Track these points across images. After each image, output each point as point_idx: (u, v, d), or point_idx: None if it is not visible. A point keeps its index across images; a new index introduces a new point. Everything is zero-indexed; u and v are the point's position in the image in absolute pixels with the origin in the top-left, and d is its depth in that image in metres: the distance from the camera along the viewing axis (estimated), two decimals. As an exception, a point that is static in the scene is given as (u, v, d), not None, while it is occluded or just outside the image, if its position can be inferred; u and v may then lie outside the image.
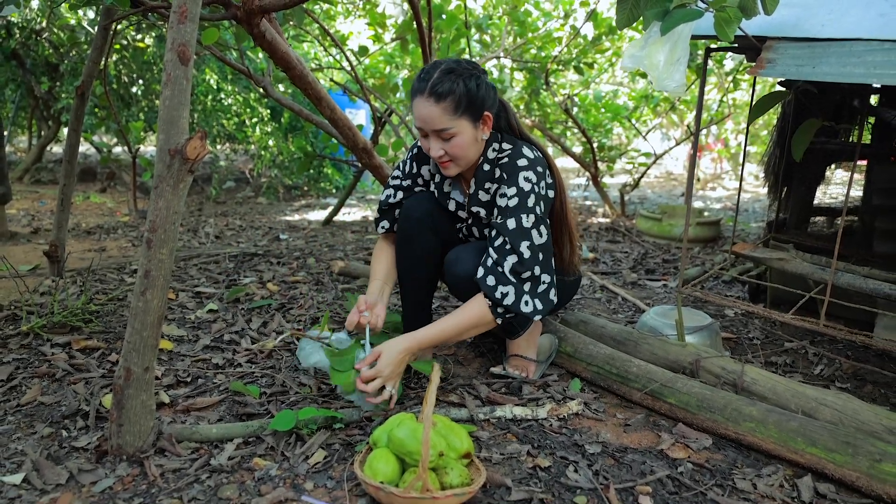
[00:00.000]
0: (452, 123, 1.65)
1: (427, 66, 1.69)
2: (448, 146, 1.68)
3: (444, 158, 1.71)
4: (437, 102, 1.62)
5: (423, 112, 1.64)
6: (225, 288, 2.86)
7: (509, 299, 1.65)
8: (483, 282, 1.67)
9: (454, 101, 1.63)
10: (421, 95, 1.64)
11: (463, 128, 1.66)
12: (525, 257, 1.66)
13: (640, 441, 1.64)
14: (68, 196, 2.81)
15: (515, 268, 1.66)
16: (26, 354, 2.01)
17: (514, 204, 1.69)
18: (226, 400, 1.77)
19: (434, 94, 1.62)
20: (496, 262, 1.67)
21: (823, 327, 1.84)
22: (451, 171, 1.75)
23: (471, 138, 1.69)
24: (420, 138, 1.75)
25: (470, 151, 1.71)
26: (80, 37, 5.46)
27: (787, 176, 2.90)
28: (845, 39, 1.50)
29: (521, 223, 1.67)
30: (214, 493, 1.33)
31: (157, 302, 1.36)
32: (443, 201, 1.93)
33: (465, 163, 1.74)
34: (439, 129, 1.65)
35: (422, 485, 1.25)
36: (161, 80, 1.30)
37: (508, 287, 1.65)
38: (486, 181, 1.80)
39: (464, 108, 1.64)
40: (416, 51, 4.19)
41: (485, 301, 1.67)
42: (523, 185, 1.70)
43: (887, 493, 1.37)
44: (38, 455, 1.43)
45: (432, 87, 1.62)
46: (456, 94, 1.62)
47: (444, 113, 1.63)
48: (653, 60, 1.51)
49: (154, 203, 1.33)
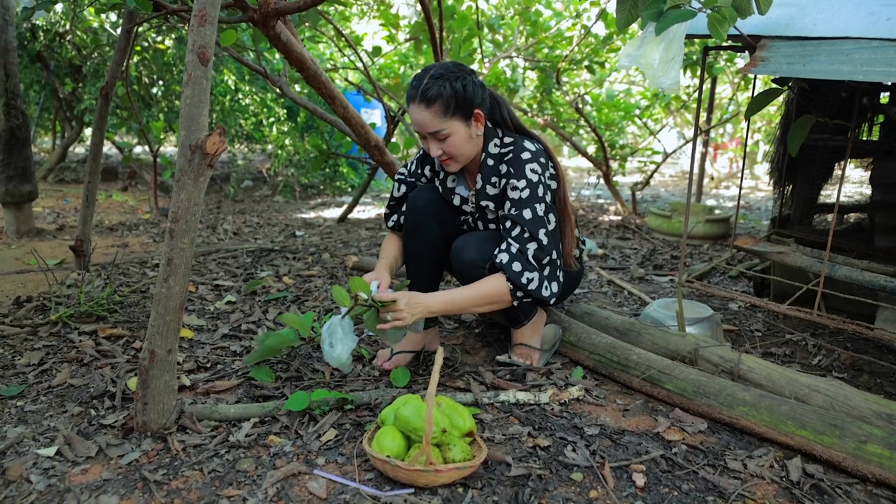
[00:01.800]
0: (445, 125, 1.74)
1: (418, 73, 1.80)
2: (445, 146, 1.78)
3: (443, 157, 1.82)
4: (427, 107, 1.72)
5: (417, 117, 1.75)
6: (242, 281, 2.97)
7: (533, 285, 1.78)
8: (509, 267, 1.78)
9: (443, 104, 1.72)
10: (414, 102, 1.75)
11: (455, 127, 1.76)
12: (544, 244, 1.79)
13: (637, 424, 1.71)
14: (93, 193, 2.93)
15: (537, 254, 1.79)
16: (55, 341, 2.12)
17: (526, 195, 1.80)
18: (243, 384, 1.86)
19: (425, 100, 1.72)
20: (520, 250, 1.78)
21: (817, 317, 1.90)
22: (453, 167, 1.86)
23: (464, 136, 1.79)
24: (420, 140, 1.85)
25: (466, 148, 1.82)
26: (103, 39, 5.61)
27: (791, 172, 2.94)
28: (835, 38, 1.56)
29: (535, 212, 1.79)
30: (233, 466, 1.43)
31: (178, 288, 1.46)
32: (447, 196, 2.01)
33: (465, 159, 1.85)
34: (433, 131, 1.75)
35: (425, 458, 1.33)
36: (181, 81, 1.40)
37: (534, 273, 1.79)
38: (492, 176, 1.89)
39: (454, 109, 1.74)
40: (430, 51, 4.27)
41: (505, 282, 1.78)
42: (531, 177, 1.81)
43: (872, 473, 1.43)
44: (69, 431, 1.54)
45: (422, 93, 1.72)
46: (444, 96, 1.72)
47: (435, 116, 1.73)
48: (648, 59, 1.58)
49: (176, 195, 1.43)
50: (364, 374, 1.96)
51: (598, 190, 7.75)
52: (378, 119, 7.38)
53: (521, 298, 1.81)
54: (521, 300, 1.82)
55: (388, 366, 1.98)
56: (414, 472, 1.33)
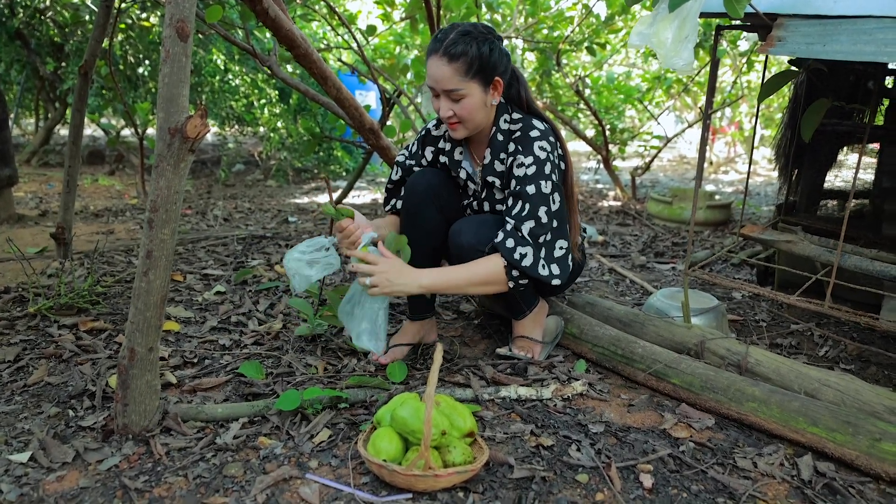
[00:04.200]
0: (463, 85, 1.66)
1: (445, 27, 1.71)
2: (457, 107, 1.70)
3: (452, 119, 1.73)
4: (449, 62, 1.65)
5: (436, 71, 1.66)
6: (233, 270, 2.87)
7: (527, 261, 1.69)
8: (502, 244, 1.70)
9: (466, 63, 1.65)
10: (435, 55, 1.66)
11: (472, 90, 1.68)
12: (542, 222, 1.70)
13: (643, 421, 1.64)
14: (74, 178, 2.81)
15: (534, 230, 1.70)
16: (33, 336, 2.03)
17: (532, 172, 1.72)
18: (232, 380, 1.78)
19: (447, 55, 1.64)
20: (515, 227, 1.70)
21: (828, 309, 1.83)
22: (459, 133, 1.76)
23: (479, 102, 1.71)
24: (431, 98, 1.76)
25: (478, 115, 1.73)
26: (85, 16, 5.41)
27: (797, 158, 2.86)
28: (857, 17, 1.47)
29: (540, 189, 1.71)
30: (220, 471, 1.35)
31: (159, 282, 1.37)
32: (454, 169, 1.93)
33: (473, 126, 1.76)
34: (449, 89, 1.67)
35: (424, 463, 1.26)
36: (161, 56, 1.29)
37: (527, 248, 1.69)
38: (500, 152, 1.82)
39: (475, 71, 1.66)
40: (426, 31, 4.14)
41: (501, 261, 1.69)
42: (539, 154, 1.73)
43: (886, 472, 1.38)
44: (44, 434, 1.45)
45: (446, 48, 1.64)
46: (469, 56, 1.64)
47: (455, 73, 1.65)
48: (660, 38, 1.49)
49: (155, 183, 1.33)
50: (359, 369, 1.88)
51: (598, 175, 7.66)
52: (373, 101, 7.23)
53: (518, 280, 1.71)
54: (518, 282, 1.72)
55: (384, 360, 1.91)
56: (412, 476, 1.26)
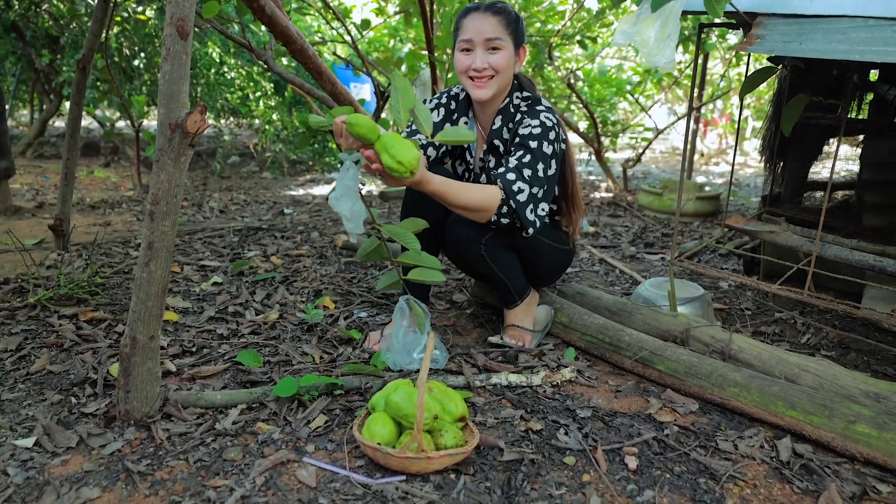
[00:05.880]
0: (503, 36, 1.81)
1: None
2: (493, 59, 1.82)
3: (486, 72, 1.83)
4: (494, 15, 1.81)
5: (479, 23, 1.81)
6: (229, 261, 2.92)
7: (522, 196, 1.76)
8: (503, 175, 1.77)
9: (507, 19, 1.82)
10: (476, 12, 1.83)
11: (508, 45, 1.83)
12: (539, 175, 1.79)
13: (629, 406, 1.70)
14: (72, 170, 2.85)
15: (531, 178, 1.78)
16: (34, 325, 2.07)
17: (537, 132, 1.82)
18: (230, 369, 1.83)
19: (491, 10, 1.82)
20: (517, 167, 1.78)
21: (808, 297, 1.89)
22: (487, 90, 1.85)
23: (510, 59, 1.85)
24: (460, 58, 1.85)
25: (507, 74, 1.86)
26: (80, 8, 5.42)
27: (782, 151, 2.92)
28: (832, 16, 1.52)
29: (542, 148, 1.80)
30: (219, 455, 1.40)
31: (160, 272, 1.41)
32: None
33: (502, 83, 1.87)
34: (491, 37, 1.80)
35: (417, 445, 1.31)
36: (162, 54, 1.34)
37: (525, 186, 1.76)
38: (510, 121, 1.92)
39: (512, 30, 1.83)
40: (420, 24, 4.17)
41: (499, 193, 1.76)
42: (545, 121, 1.84)
43: (860, 452, 1.44)
44: (48, 420, 1.50)
45: (489, 6, 1.83)
46: (509, 14, 1.83)
47: (499, 24, 1.81)
48: (643, 36, 1.54)
49: (156, 176, 1.37)
50: (354, 357, 1.93)
51: (590, 167, 7.71)
52: (367, 94, 7.25)
53: (501, 217, 1.75)
54: (501, 220, 1.76)
55: (379, 348, 1.96)
56: (405, 459, 1.31)
